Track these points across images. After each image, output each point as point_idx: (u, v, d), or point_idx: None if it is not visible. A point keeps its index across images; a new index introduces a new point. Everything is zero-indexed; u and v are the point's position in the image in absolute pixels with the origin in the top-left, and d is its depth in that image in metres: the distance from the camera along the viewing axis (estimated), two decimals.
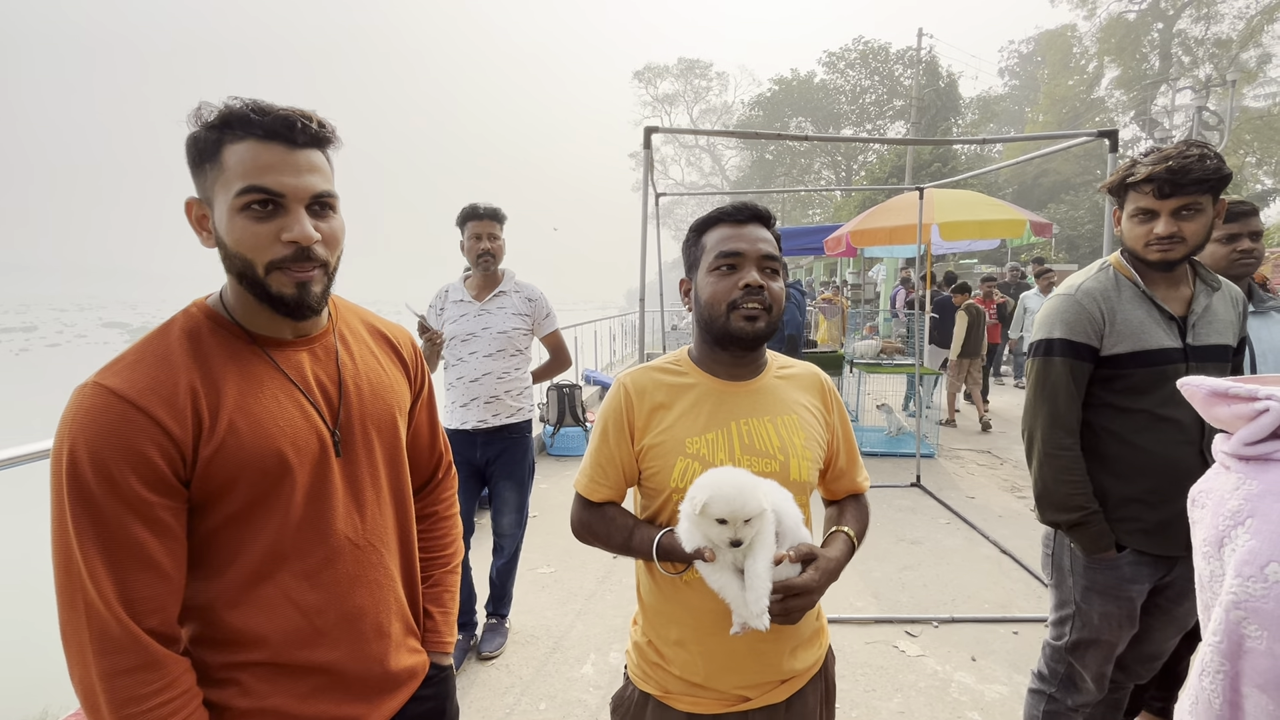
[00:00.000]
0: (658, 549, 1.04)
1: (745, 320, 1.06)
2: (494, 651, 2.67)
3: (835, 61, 33.98)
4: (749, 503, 0.91)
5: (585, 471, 1.15)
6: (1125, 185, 1.50)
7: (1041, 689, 1.73)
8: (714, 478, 0.95)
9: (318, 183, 0.84)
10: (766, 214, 1.12)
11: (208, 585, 0.85)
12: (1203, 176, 1.39)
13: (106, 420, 0.76)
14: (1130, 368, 1.50)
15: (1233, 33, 26.86)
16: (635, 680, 1.16)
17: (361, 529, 0.95)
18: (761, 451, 1.08)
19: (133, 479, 0.76)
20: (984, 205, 6.23)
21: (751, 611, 0.93)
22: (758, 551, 0.95)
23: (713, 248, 1.10)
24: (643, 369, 1.16)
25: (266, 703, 0.88)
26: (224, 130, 0.81)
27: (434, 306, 2.66)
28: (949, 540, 3.87)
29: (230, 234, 0.82)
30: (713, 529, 0.94)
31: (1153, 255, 1.48)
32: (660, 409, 1.10)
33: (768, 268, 1.08)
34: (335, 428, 0.93)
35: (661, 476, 1.07)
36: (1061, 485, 1.55)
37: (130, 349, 0.82)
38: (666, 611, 1.11)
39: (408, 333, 1.13)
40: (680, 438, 1.07)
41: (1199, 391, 0.84)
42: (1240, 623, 0.71)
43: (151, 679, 0.77)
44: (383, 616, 0.97)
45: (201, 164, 0.82)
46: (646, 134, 2.91)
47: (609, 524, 1.12)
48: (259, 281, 0.83)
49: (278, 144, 0.82)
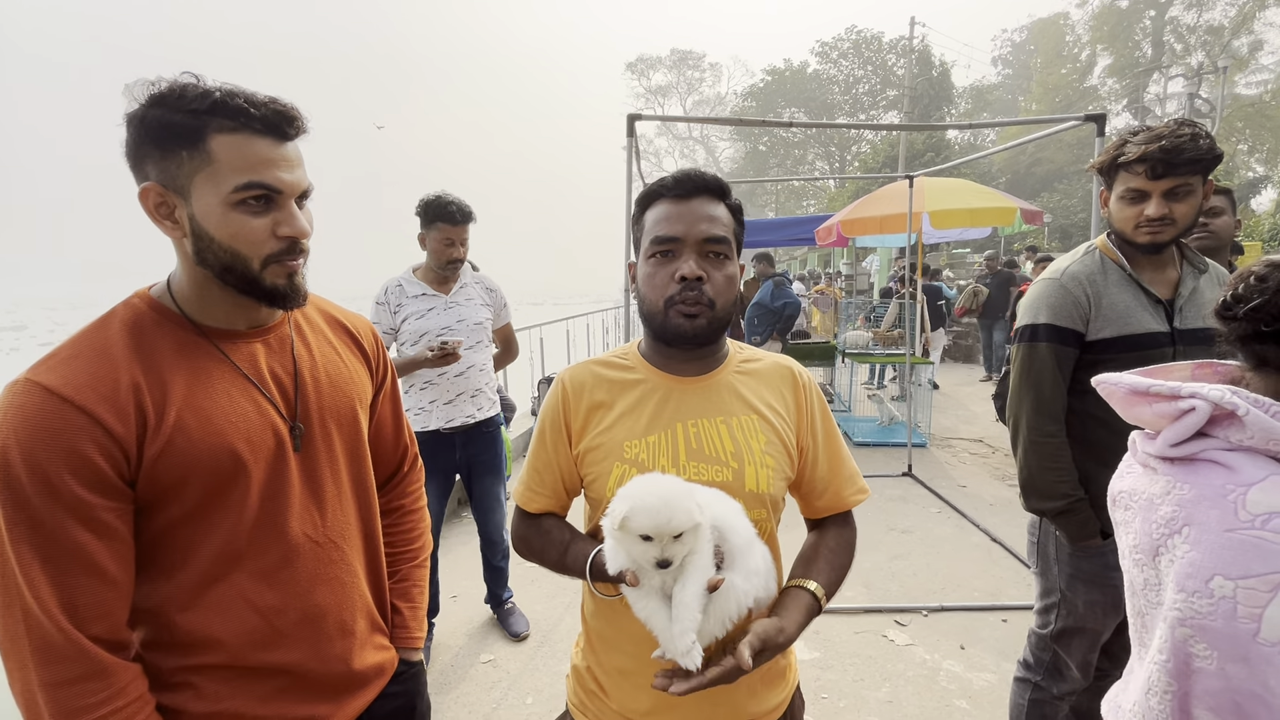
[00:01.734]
0: (592, 568, 0.90)
1: (684, 318, 0.92)
2: (528, 630, 2.78)
3: (828, 51, 33.89)
4: (676, 515, 0.77)
5: (522, 479, 1.03)
6: (1115, 165, 1.46)
7: (1027, 677, 1.72)
8: (637, 487, 0.81)
9: (304, 178, 0.85)
10: (717, 183, 0.96)
11: (158, 587, 0.82)
12: (1196, 156, 1.36)
13: (41, 419, 0.72)
14: (1116, 352, 1.48)
15: (1225, 20, 26.87)
16: (573, 710, 1.04)
17: (321, 526, 0.92)
18: (711, 457, 0.93)
19: (71, 480, 0.72)
20: (974, 193, 6.20)
21: (676, 648, 0.78)
22: (689, 574, 0.80)
23: (650, 229, 0.96)
24: (584, 363, 1.03)
25: (223, 705, 0.85)
26: (209, 117, 0.77)
27: (386, 303, 2.43)
28: (940, 529, 3.87)
29: (224, 228, 0.79)
30: (636, 546, 0.79)
31: (1142, 237, 1.45)
32: (600, 408, 0.98)
33: (711, 252, 0.93)
34: (294, 422, 0.90)
35: (600, 484, 0.94)
36: (1046, 473, 1.53)
37: (65, 343, 0.78)
38: (608, 637, 0.98)
39: (368, 322, 1.09)
40: (619, 440, 0.94)
41: (1117, 391, 0.79)
42: (1187, 640, 0.66)
43: (97, 688, 0.74)
44: (346, 614, 0.95)
45: (172, 149, 0.77)
46: (630, 122, 2.86)
47: (544, 538, 0.99)
48: (252, 276, 0.82)
49: (271, 138, 0.80)
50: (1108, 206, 1.53)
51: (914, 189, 5.15)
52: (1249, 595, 0.61)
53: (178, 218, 0.80)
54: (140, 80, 0.78)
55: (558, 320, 7.95)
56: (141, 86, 0.77)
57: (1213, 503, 0.67)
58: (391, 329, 2.45)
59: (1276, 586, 0.60)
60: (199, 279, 0.84)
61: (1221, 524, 0.65)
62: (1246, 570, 0.62)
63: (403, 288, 2.47)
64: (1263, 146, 25.43)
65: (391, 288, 2.47)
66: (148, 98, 0.77)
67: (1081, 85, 30.89)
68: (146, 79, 0.78)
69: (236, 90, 0.79)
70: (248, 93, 0.79)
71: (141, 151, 0.79)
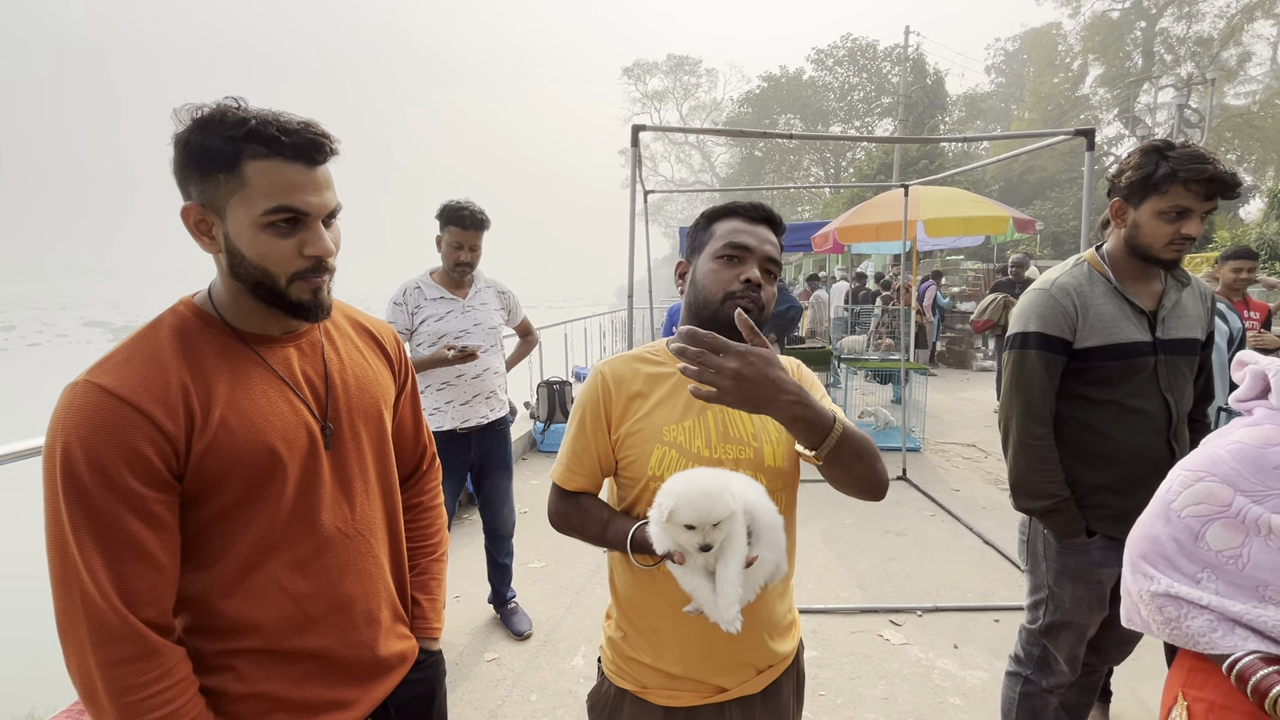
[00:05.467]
0: (632, 541, 1.03)
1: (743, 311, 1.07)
2: (531, 629, 2.82)
3: (824, 59, 34.13)
4: (715, 508, 0.90)
5: (562, 461, 1.14)
6: (1160, 180, 1.43)
7: (1018, 671, 1.78)
8: (680, 484, 0.93)
9: (333, 199, 0.89)
10: (778, 219, 1.14)
11: (201, 576, 0.87)
12: (1238, 182, 1.42)
13: (100, 417, 0.77)
14: (1101, 360, 1.55)
15: (1214, 31, 27.24)
16: (611, 677, 1.15)
17: (351, 519, 0.98)
18: (736, 439, 1.08)
19: (127, 474, 0.78)
20: (968, 202, 6.30)
21: (722, 617, 0.92)
22: (728, 555, 0.93)
23: (721, 236, 1.11)
24: (621, 358, 1.16)
25: (260, 688, 0.90)
26: (244, 143, 0.81)
27: (404, 304, 2.53)
28: (933, 532, 3.94)
29: (254, 248, 0.84)
30: (681, 534, 0.92)
31: (1170, 254, 1.48)
32: (638, 397, 1.10)
33: (768, 270, 1.10)
34: (325, 421, 0.95)
35: (639, 465, 1.07)
36: (1035, 473, 1.59)
37: (119, 347, 0.84)
38: (643, 602, 1.11)
39: (390, 327, 1.15)
40: (657, 425, 1.07)
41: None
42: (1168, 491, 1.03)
43: (149, 668, 0.79)
44: (372, 604, 1.00)
45: (211, 171, 0.82)
46: (634, 132, 2.93)
47: (584, 514, 1.12)
48: (279, 291, 0.87)
49: (301, 163, 0.84)
50: (1124, 218, 1.53)
51: (909, 197, 5.24)
52: (1182, 477, 0.98)
53: (215, 235, 0.86)
54: (186, 104, 0.83)
55: (555, 324, 7.99)
56: (187, 110, 0.82)
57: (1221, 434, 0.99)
58: (407, 329, 2.52)
59: (1189, 482, 0.96)
60: (234, 290, 0.89)
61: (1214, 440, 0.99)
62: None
63: (421, 290, 2.56)
64: (1250, 157, 25.76)
65: (410, 289, 2.55)
66: (191, 121, 0.82)
67: (1074, 94, 31.22)
68: (192, 103, 0.83)
69: (271, 117, 0.83)
70: (283, 119, 0.83)
71: (186, 173, 0.84)
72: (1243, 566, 0.90)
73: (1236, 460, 0.93)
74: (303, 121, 0.85)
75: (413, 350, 2.54)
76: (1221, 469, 0.94)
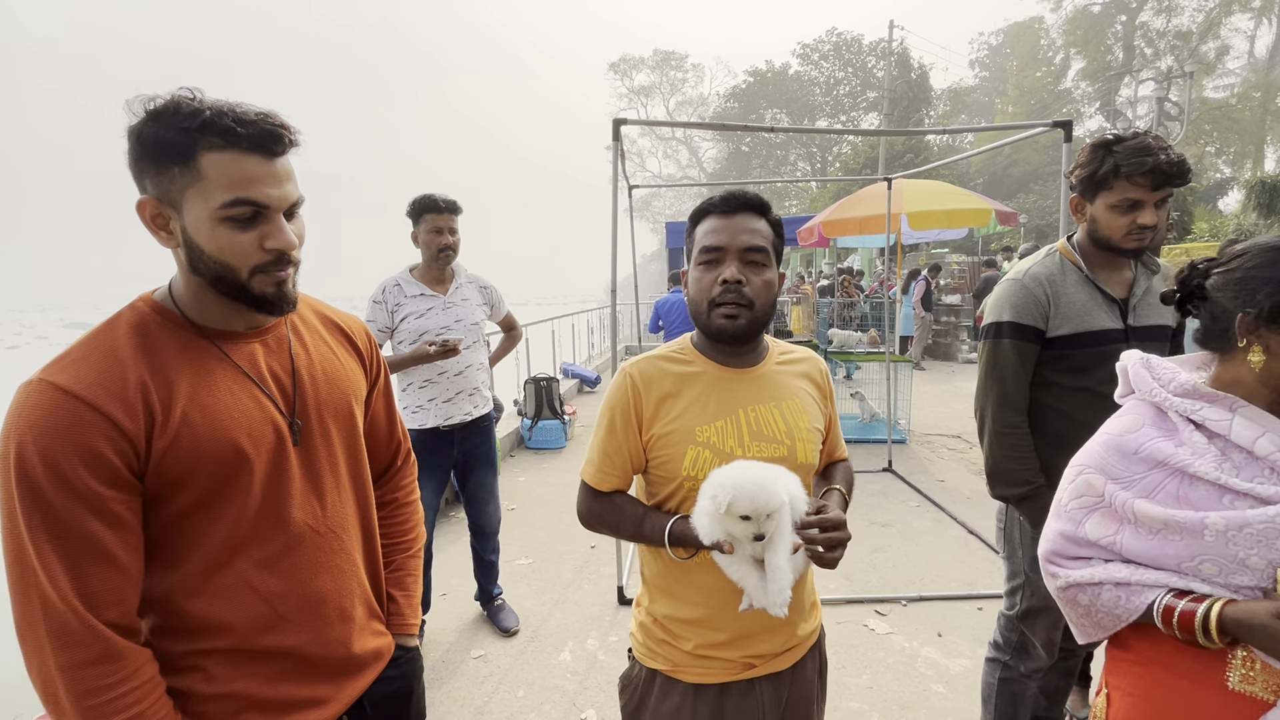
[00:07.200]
0: (670, 536, 1.06)
1: (725, 318, 1.07)
2: (518, 625, 2.82)
3: (809, 53, 34.20)
4: (772, 499, 0.94)
5: (593, 461, 1.14)
6: (1106, 175, 1.47)
7: (997, 657, 1.80)
8: (736, 476, 0.96)
9: (293, 191, 0.87)
10: (758, 201, 1.10)
11: (167, 575, 0.86)
12: (1186, 169, 1.44)
13: (55, 417, 0.75)
14: (1073, 348, 1.57)
15: (1192, 25, 27.60)
16: (642, 659, 1.17)
17: (322, 516, 0.97)
18: (769, 437, 1.10)
19: (85, 474, 0.76)
20: (951, 195, 6.35)
21: (774, 601, 0.97)
22: (778, 544, 0.98)
23: (699, 239, 1.11)
24: (647, 358, 1.16)
25: (230, 688, 0.89)
26: (199, 135, 0.79)
27: (383, 302, 2.48)
28: (918, 522, 3.98)
29: (212, 242, 0.82)
30: (736, 525, 0.96)
31: (1131, 244, 1.51)
32: (669, 398, 1.10)
33: (751, 260, 1.07)
34: (293, 417, 0.94)
35: (672, 465, 1.08)
36: (1010, 461, 1.61)
37: (75, 345, 0.82)
38: (678, 592, 1.12)
39: (361, 322, 1.14)
40: (690, 426, 1.08)
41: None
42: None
43: (112, 670, 0.77)
44: (346, 601, 0.99)
45: (166, 164, 0.80)
46: (615, 126, 2.92)
47: (618, 512, 1.13)
48: (241, 285, 0.85)
49: (259, 155, 0.82)
50: (1083, 213, 1.57)
51: (892, 191, 5.27)
52: (1068, 473, 1.05)
53: (172, 229, 0.84)
54: (139, 95, 0.81)
55: (543, 320, 7.97)
56: (140, 101, 0.80)
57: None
58: (387, 327, 2.48)
59: (1072, 477, 1.02)
60: (195, 285, 0.87)
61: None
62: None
63: (401, 287, 2.51)
64: (1229, 149, 26.18)
65: (390, 287, 2.50)
66: (145, 113, 0.80)
67: (1056, 88, 31.55)
68: (145, 94, 0.81)
69: (227, 108, 0.81)
70: (239, 110, 0.81)
71: (140, 166, 0.82)
72: (1118, 554, 0.96)
73: (1105, 450, 0.99)
74: (260, 112, 0.83)
75: (394, 348, 2.51)
76: (1095, 460, 1.00)
